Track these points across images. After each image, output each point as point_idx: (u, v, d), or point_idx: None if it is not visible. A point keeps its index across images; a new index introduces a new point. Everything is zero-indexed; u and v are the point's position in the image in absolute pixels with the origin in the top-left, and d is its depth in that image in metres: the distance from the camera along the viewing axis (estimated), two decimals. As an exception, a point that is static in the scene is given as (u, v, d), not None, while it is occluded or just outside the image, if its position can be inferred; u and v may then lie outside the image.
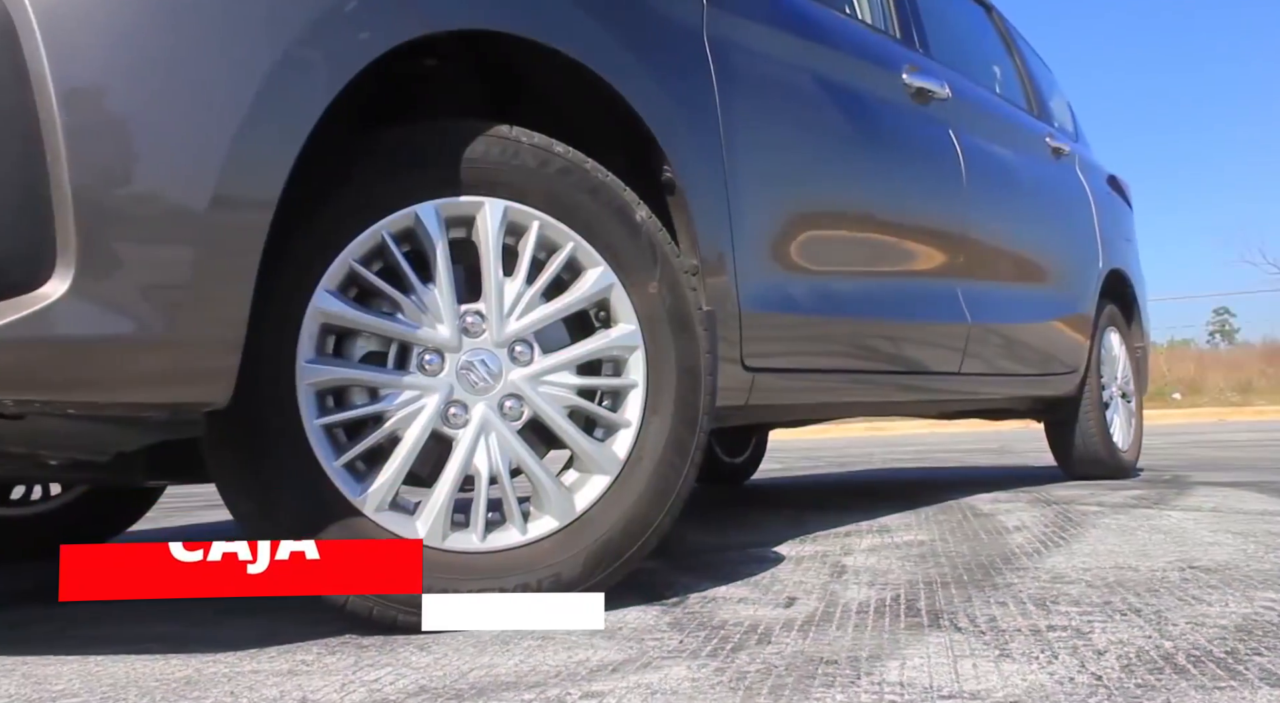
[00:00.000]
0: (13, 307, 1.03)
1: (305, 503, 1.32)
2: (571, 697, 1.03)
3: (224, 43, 1.16)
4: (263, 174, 1.17)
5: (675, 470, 1.52)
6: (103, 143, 1.07)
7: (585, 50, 1.57)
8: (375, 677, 1.14)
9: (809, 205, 2.18)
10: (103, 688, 1.14)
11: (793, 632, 1.29)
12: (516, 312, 1.46)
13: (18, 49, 1.04)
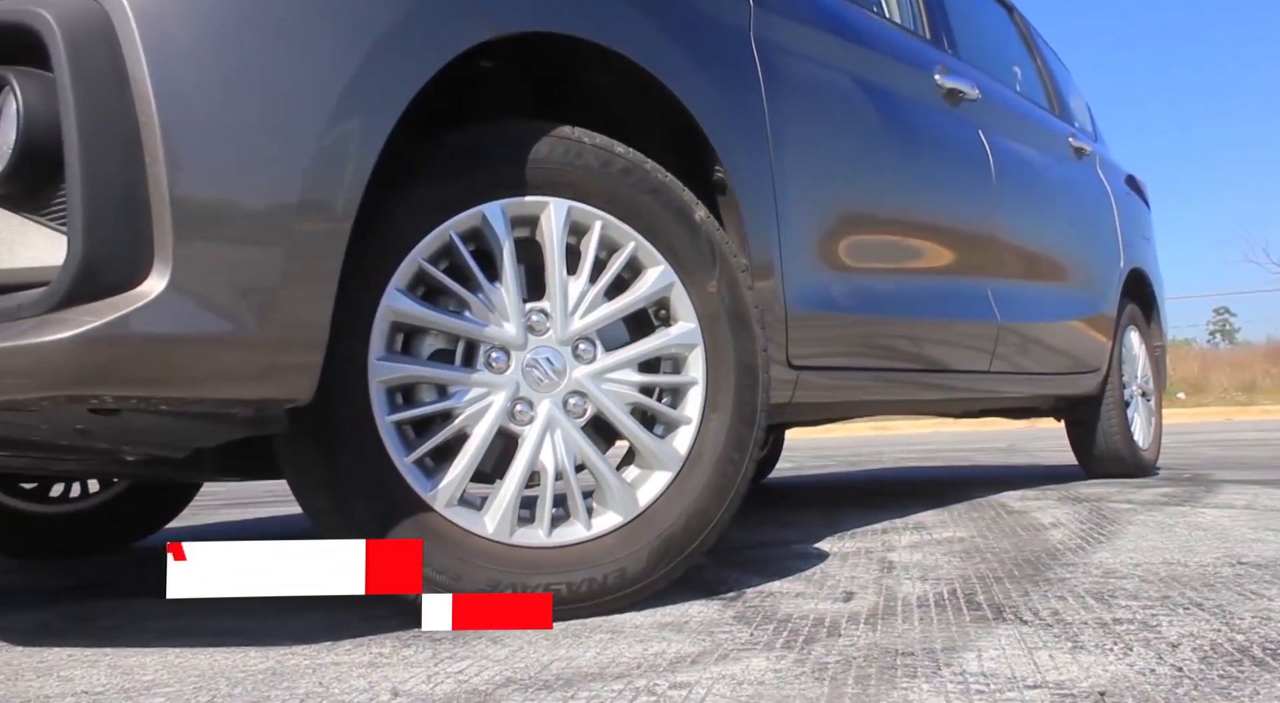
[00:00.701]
0: (113, 305, 1.05)
1: (378, 499, 1.34)
2: (660, 687, 1.05)
3: (309, 46, 1.18)
4: (346, 177, 1.19)
5: (735, 467, 1.54)
6: (198, 145, 1.09)
7: (642, 52, 1.60)
8: (458, 668, 1.17)
9: (850, 206, 2.20)
10: (191, 679, 1.17)
11: (860, 625, 1.31)
12: (580, 310, 1.48)
13: (118, 52, 1.06)
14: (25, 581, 2.17)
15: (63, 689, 1.15)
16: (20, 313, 1.05)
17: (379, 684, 1.11)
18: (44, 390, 1.04)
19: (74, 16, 1.06)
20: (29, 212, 1.10)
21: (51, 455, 1.31)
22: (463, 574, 1.36)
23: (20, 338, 1.03)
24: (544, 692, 1.05)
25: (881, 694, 0.98)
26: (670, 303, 1.56)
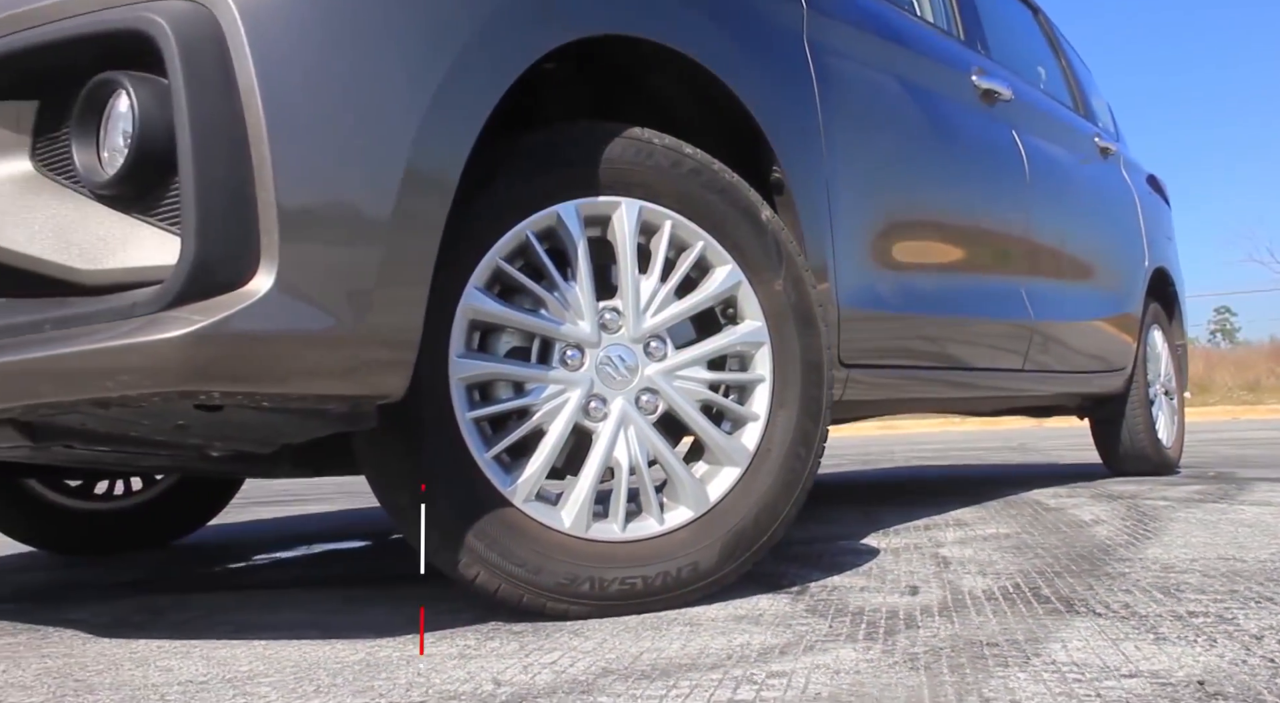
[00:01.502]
0: (222, 304, 1.08)
1: (460, 494, 1.36)
2: (758, 676, 1.07)
3: (404, 51, 1.20)
4: (439, 179, 1.22)
5: (801, 462, 1.57)
6: (301, 148, 1.11)
7: (706, 54, 1.62)
8: (550, 659, 1.19)
9: (896, 206, 2.23)
10: (289, 670, 1.19)
11: (934, 618, 1.34)
12: (652, 308, 1.51)
13: (227, 57, 1.09)
14: (82, 576, 2.20)
15: (167, 679, 1.17)
16: (134, 311, 1.07)
17: (478, 675, 1.13)
18: (157, 387, 1.07)
19: (185, 22, 1.08)
20: (138, 212, 1.12)
21: (144, 451, 1.33)
22: (542, 567, 1.38)
23: (135, 336, 1.05)
24: (644, 682, 1.07)
25: (980, 683, 1.01)
26: (737, 301, 1.58)
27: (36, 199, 1.14)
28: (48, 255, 1.11)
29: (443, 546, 1.36)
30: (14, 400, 1.10)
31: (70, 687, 1.16)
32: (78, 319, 1.09)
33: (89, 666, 1.27)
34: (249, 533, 3.02)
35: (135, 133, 1.08)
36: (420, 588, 1.78)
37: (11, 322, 1.12)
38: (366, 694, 1.07)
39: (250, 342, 1.09)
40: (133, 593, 1.91)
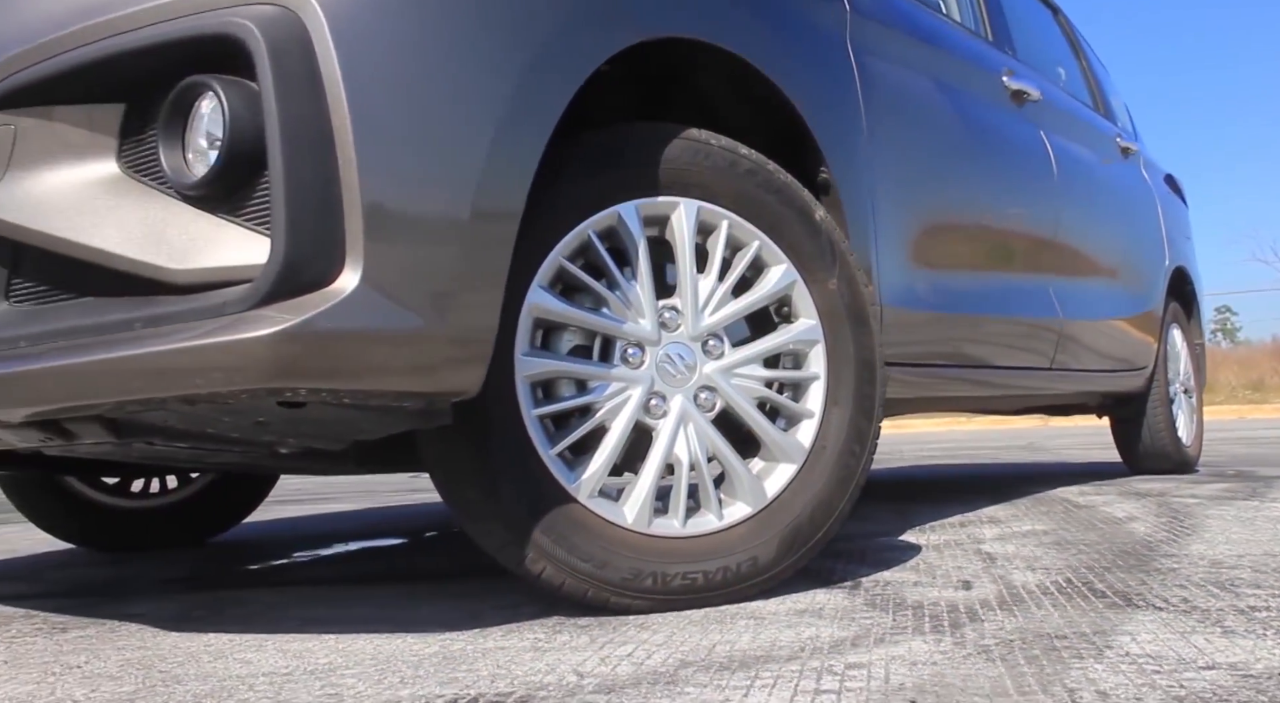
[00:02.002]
0: (310, 302, 1.10)
1: (527, 490, 1.38)
2: (836, 667, 1.09)
3: (481, 54, 1.23)
4: (514, 180, 1.24)
5: (856, 458, 1.59)
6: (385, 148, 1.14)
7: (759, 56, 1.64)
8: (625, 652, 1.21)
9: (933, 205, 2.25)
10: (367, 662, 1.21)
11: (995, 611, 1.36)
12: (710, 307, 1.53)
13: (313, 59, 1.11)
14: (129, 573, 2.22)
15: (249, 670, 1.19)
16: (224, 310, 1.09)
17: (557, 667, 1.15)
18: (246, 384, 1.09)
19: (273, 26, 1.10)
20: (225, 213, 1.14)
21: (218, 447, 1.35)
22: (607, 563, 1.40)
23: (225, 334, 1.08)
24: (725, 673, 1.09)
25: (1060, 674, 1.03)
26: (792, 300, 1.60)
27: (124, 200, 1.17)
28: (137, 255, 1.13)
29: (510, 541, 1.38)
30: (105, 397, 1.12)
31: (156, 677, 1.18)
32: (168, 318, 1.11)
33: (167, 658, 1.29)
34: (280, 531, 3.05)
35: (226, 135, 1.10)
36: (473, 583, 1.80)
37: (102, 320, 1.14)
38: (453, 685, 1.09)
39: (336, 339, 1.11)
40: (186, 589, 1.93)
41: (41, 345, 1.15)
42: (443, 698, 1.03)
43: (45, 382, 1.13)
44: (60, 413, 1.17)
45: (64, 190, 1.17)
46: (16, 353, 1.16)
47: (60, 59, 1.17)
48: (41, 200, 1.17)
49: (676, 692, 1.02)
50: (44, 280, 1.22)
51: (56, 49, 1.17)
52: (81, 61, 1.16)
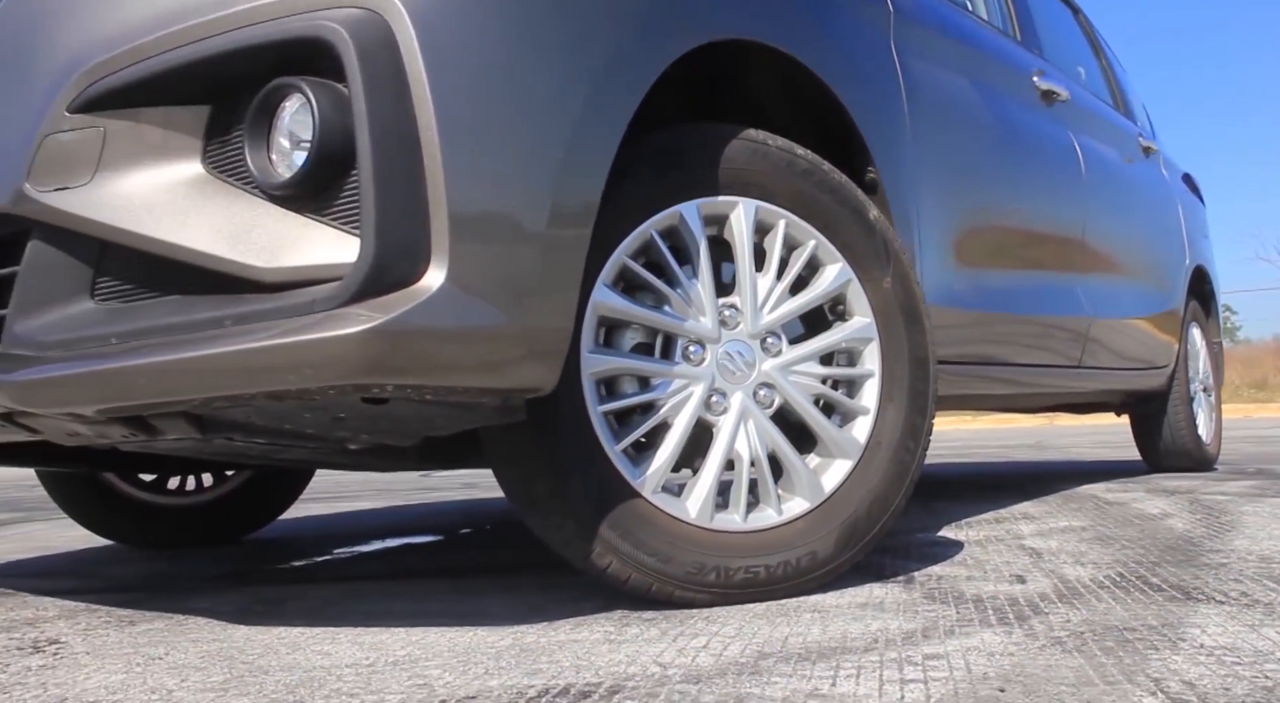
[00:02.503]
0: (398, 300, 1.12)
1: (594, 486, 1.40)
2: (915, 658, 1.12)
3: (559, 56, 1.25)
4: (591, 179, 1.26)
5: (910, 454, 1.61)
6: (469, 149, 1.16)
7: (814, 57, 1.67)
8: (699, 644, 1.23)
9: (970, 205, 2.27)
10: (445, 654, 1.23)
11: (1057, 604, 1.38)
12: (769, 305, 1.55)
13: (399, 61, 1.13)
14: (175, 569, 2.24)
15: (330, 662, 1.21)
16: (313, 307, 1.11)
17: (637, 658, 1.17)
18: (336, 380, 1.11)
19: (361, 29, 1.13)
20: (311, 212, 1.17)
21: (293, 444, 1.37)
22: (671, 557, 1.42)
23: (316, 331, 1.10)
24: (805, 664, 1.11)
25: (1140, 664, 1.05)
26: (847, 298, 1.62)
27: (210, 200, 1.19)
28: (226, 253, 1.15)
29: (578, 536, 1.40)
30: (195, 393, 1.14)
31: (241, 668, 1.20)
32: (258, 315, 1.13)
33: (245, 650, 1.31)
34: (313, 529, 3.07)
35: (315, 136, 1.12)
36: (523, 578, 1.83)
37: (192, 318, 1.16)
38: (539, 676, 1.11)
39: (422, 336, 1.13)
40: (238, 584, 1.95)
41: (132, 343, 1.17)
42: (533, 688, 1.06)
43: (138, 378, 1.15)
44: (148, 409, 1.20)
45: (151, 191, 1.19)
46: (109, 350, 1.18)
47: (147, 63, 1.19)
48: (130, 201, 1.19)
49: (764, 681, 1.04)
50: (128, 279, 1.24)
51: (143, 54, 1.19)
52: (168, 66, 1.18)
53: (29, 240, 1.25)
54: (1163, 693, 0.94)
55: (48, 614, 1.67)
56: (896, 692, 0.98)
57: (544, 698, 1.02)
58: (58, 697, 1.11)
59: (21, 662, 1.30)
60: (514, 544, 2.44)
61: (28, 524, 3.63)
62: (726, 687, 1.03)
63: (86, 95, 1.20)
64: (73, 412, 1.21)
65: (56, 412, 1.21)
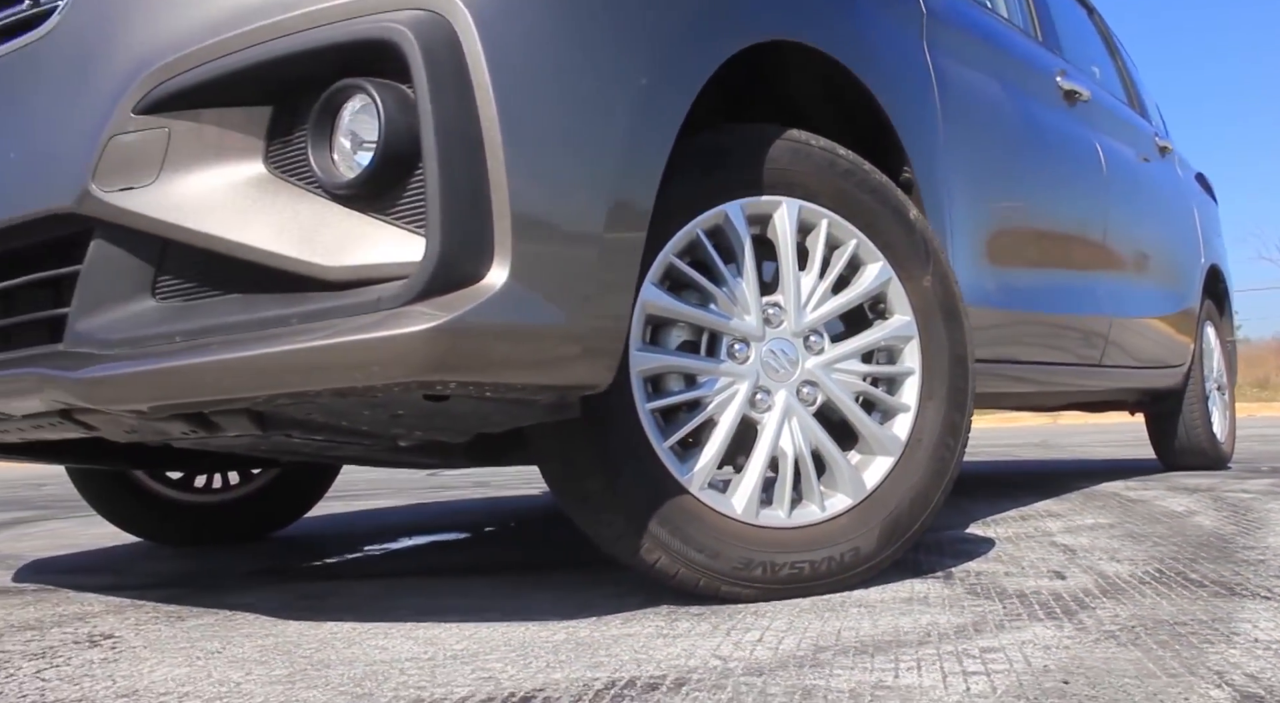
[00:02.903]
0: (462, 298, 1.13)
1: (644, 483, 1.42)
2: (971, 651, 1.13)
3: (616, 59, 1.26)
4: (646, 180, 1.28)
5: (950, 451, 1.63)
6: (531, 150, 1.17)
7: (854, 59, 1.68)
8: (753, 637, 1.25)
9: (998, 205, 2.29)
10: (502, 648, 1.25)
11: (1102, 600, 1.39)
12: (811, 304, 1.57)
13: (463, 63, 1.15)
14: (210, 566, 2.26)
15: (389, 656, 1.23)
16: (379, 306, 1.13)
17: (694, 651, 1.19)
18: (402, 377, 1.12)
19: (426, 31, 1.14)
20: (375, 212, 1.18)
21: (347, 440, 1.39)
22: (719, 553, 1.44)
23: (383, 329, 1.11)
24: (864, 657, 1.13)
25: (1199, 658, 1.06)
26: (887, 297, 1.64)
27: (273, 200, 1.20)
28: (291, 252, 1.17)
29: (627, 532, 1.42)
30: (261, 390, 1.16)
31: (301, 662, 1.22)
32: (323, 313, 1.15)
33: (301, 644, 1.33)
34: (338, 526, 3.08)
35: (381, 137, 1.14)
36: (561, 575, 1.84)
37: (257, 316, 1.18)
38: (601, 668, 1.12)
39: (485, 334, 1.15)
40: (275, 580, 1.96)
41: (198, 340, 1.19)
42: (598, 681, 1.07)
43: (205, 375, 1.16)
44: (211, 406, 1.21)
45: (215, 191, 1.21)
46: (174, 348, 1.19)
47: (212, 65, 1.20)
48: (195, 200, 1.20)
49: (826, 674, 1.06)
50: (189, 278, 1.26)
51: (208, 56, 1.21)
52: (233, 68, 1.20)
53: (91, 240, 1.27)
54: (1228, 686, 0.95)
55: (94, 609, 1.69)
56: (961, 684, 1.00)
57: (611, 691, 1.03)
58: (127, 689, 1.12)
59: (82, 655, 1.32)
60: (543, 542, 2.46)
61: (50, 522, 3.66)
62: (790, 679, 1.05)
63: (152, 97, 1.21)
64: (137, 408, 1.22)
65: (122, 409, 1.22)
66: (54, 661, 1.29)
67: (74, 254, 1.32)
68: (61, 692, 1.13)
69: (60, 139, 1.28)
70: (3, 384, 1.35)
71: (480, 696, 1.03)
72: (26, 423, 1.43)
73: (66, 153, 1.26)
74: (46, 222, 1.32)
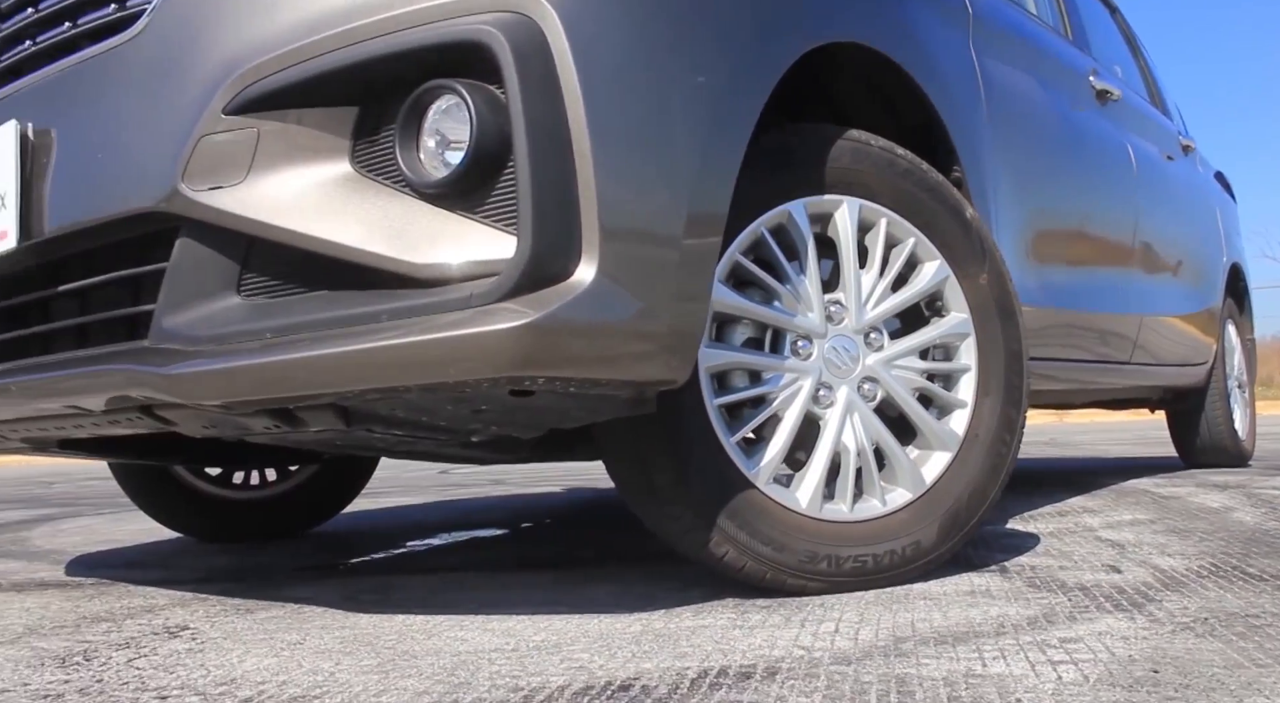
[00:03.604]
0: (552, 295, 1.16)
1: (712, 477, 1.44)
2: (1050, 641, 1.15)
3: (697, 59, 1.28)
4: (723, 179, 1.30)
5: (1006, 446, 1.65)
6: (617, 150, 1.19)
7: (909, 60, 1.70)
8: (829, 629, 1.27)
9: (1038, 204, 2.31)
10: (584, 639, 1.27)
11: (1165, 592, 1.42)
12: (872, 301, 1.59)
13: (552, 64, 1.17)
14: (257, 561, 2.28)
15: (469, 647, 1.25)
16: (470, 302, 1.15)
17: (774, 642, 1.21)
18: (493, 372, 1.15)
19: (516, 32, 1.16)
20: (463, 210, 1.20)
21: (423, 435, 1.41)
22: (785, 546, 1.46)
23: (475, 325, 1.13)
24: (946, 647, 1.15)
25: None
26: (944, 295, 1.66)
27: (361, 198, 1.22)
28: (382, 250, 1.19)
29: (696, 526, 1.44)
30: (352, 386, 1.18)
31: (385, 653, 1.24)
32: (415, 310, 1.17)
33: (380, 636, 1.35)
34: (369, 523, 3.10)
35: (472, 137, 1.16)
36: (618, 569, 1.86)
37: (347, 313, 1.20)
38: (688, 659, 1.14)
39: (574, 331, 1.17)
40: (328, 576, 1.98)
41: (288, 337, 1.21)
42: (689, 670, 1.09)
43: (297, 371, 1.19)
44: (299, 401, 1.23)
45: (303, 189, 1.23)
46: (265, 344, 1.22)
47: (302, 67, 1.22)
48: (283, 199, 1.22)
49: (914, 663, 1.08)
50: (274, 275, 1.28)
51: (298, 58, 1.23)
52: (322, 69, 1.22)
53: (177, 239, 1.29)
54: (1318, 673, 0.98)
55: (159, 602, 1.71)
56: (1051, 673, 1.02)
57: (705, 679, 1.05)
58: (223, 678, 1.15)
59: (167, 645, 1.34)
60: (583, 537, 2.48)
61: (78, 519, 3.68)
62: (880, 668, 1.07)
63: (242, 98, 1.23)
64: (227, 403, 1.24)
65: (212, 404, 1.24)
66: (140, 650, 1.32)
67: (154, 253, 1.34)
68: (159, 680, 1.15)
69: (148, 140, 1.30)
70: (86, 380, 1.37)
71: (576, 685, 1.05)
72: (104, 418, 1.45)
73: (154, 153, 1.29)
74: (128, 221, 1.34)
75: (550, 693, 1.02)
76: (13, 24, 1.48)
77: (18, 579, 2.09)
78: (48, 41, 1.43)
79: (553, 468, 6.06)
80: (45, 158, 1.40)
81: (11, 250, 1.41)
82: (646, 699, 0.99)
